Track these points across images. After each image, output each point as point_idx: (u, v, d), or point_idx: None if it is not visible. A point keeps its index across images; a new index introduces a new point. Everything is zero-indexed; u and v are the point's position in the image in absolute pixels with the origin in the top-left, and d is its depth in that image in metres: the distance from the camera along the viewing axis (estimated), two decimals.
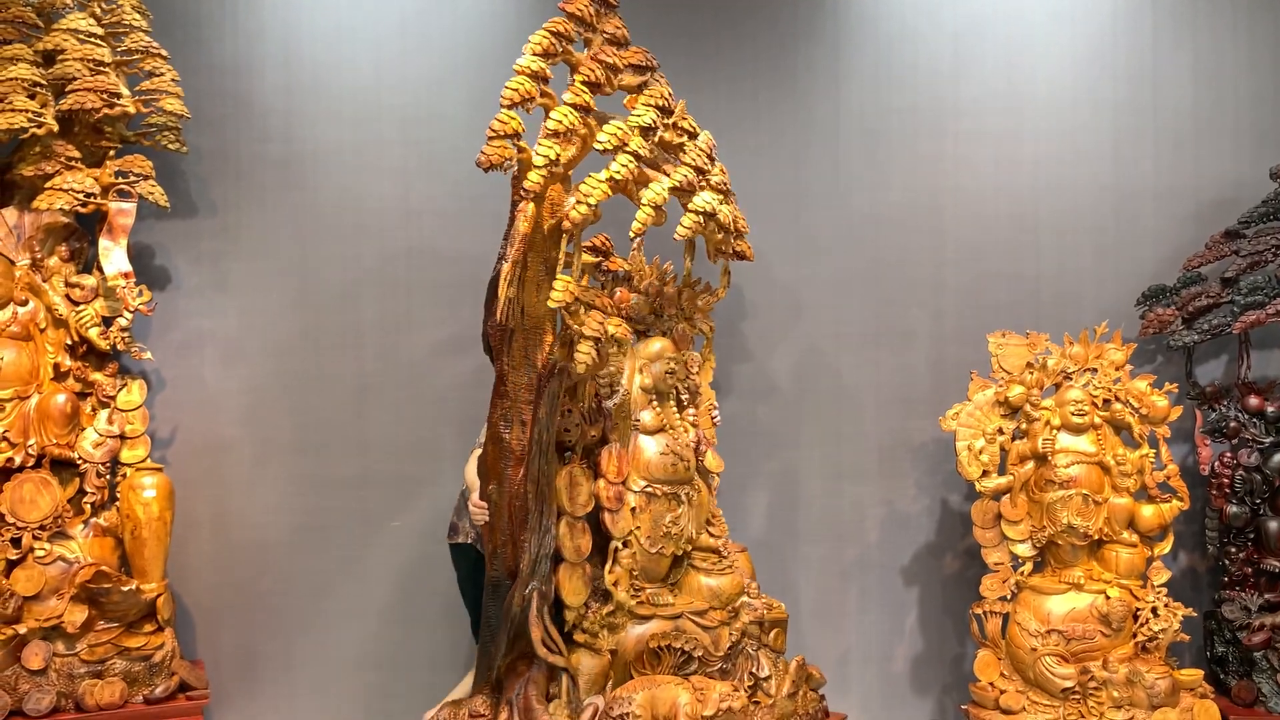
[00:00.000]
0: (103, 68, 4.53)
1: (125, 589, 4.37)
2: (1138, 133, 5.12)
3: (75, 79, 4.46)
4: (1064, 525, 4.54)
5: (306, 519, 4.98)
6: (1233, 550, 4.77)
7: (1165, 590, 4.56)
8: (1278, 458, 4.73)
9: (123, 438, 4.58)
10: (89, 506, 4.50)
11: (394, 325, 5.01)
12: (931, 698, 5.13)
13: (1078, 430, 4.60)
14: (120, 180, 4.59)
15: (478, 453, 4.22)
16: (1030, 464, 4.64)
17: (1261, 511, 4.74)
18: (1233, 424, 4.78)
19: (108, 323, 4.60)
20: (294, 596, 4.98)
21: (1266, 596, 4.69)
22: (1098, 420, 4.63)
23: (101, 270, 4.58)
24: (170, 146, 4.77)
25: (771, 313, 5.10)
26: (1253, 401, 4.78)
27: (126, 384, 4.64)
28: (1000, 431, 4.66)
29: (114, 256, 4.57)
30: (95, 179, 4.54)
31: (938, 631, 5.12)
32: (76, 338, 4.58)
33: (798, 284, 5.08)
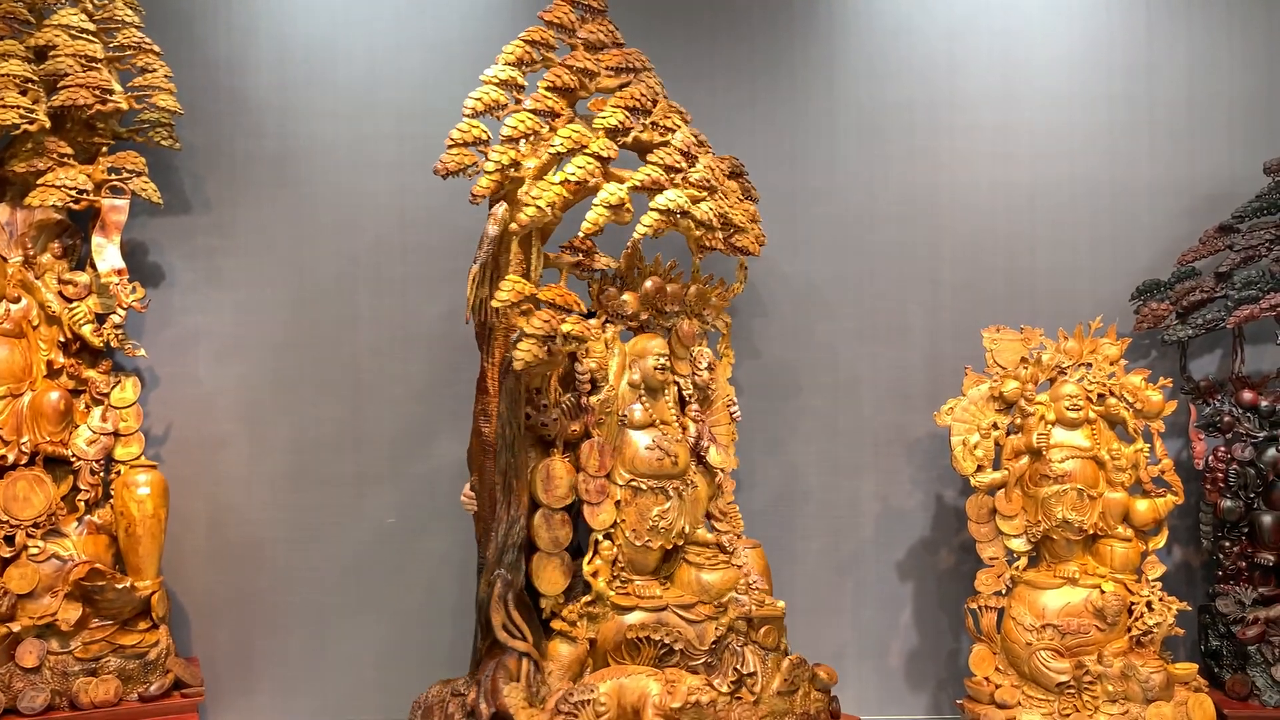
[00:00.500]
0: (95, 64, 4.51)
1: (119, 586, 4.36)
2: (1132, 128, 5.12)
3: (67, 75, 4.45)
4: (1059, 520, 4.55)
5: (302, 516, 4.98)
6: (1227, 544, 4.78)
7: (1160, 584, 4.57)
8: (1271, 452, 4.74)
9: (116, 435, 4.57)
10: (83, 504, 4.49)
11: (389, 321, 5.00)
12: (927, 692, 5.14)
13: (1072, 425, 4.61)
14: (113, 177, 4.57)
15: None
16: (1025, 459, 4.64)
17: (1255, 506, 4.75)
18: (1227, 418, 4.79)
19: (101, 320, 4.58)
20: (289, 594, 4.97)
21: (1260, 590, 4.70)
22: (1092, 415, 4.63)
23: (95, 267, 4.56)
24: (163, 143, 4.75)
25: (767, 308, 5.09)
26: (1246, 396, 4.79)
27: (120, 381, 4.63)
28: (995, 426, 4.67)
29: (107, 253, 4.56)
30: (88, 175, 4.53)
31: (933, 626, 5.13)
32: (70, 335, 4.57)
33: (794, 279, 5.08)
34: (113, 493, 4.50)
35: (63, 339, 4.57)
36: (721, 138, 4.67)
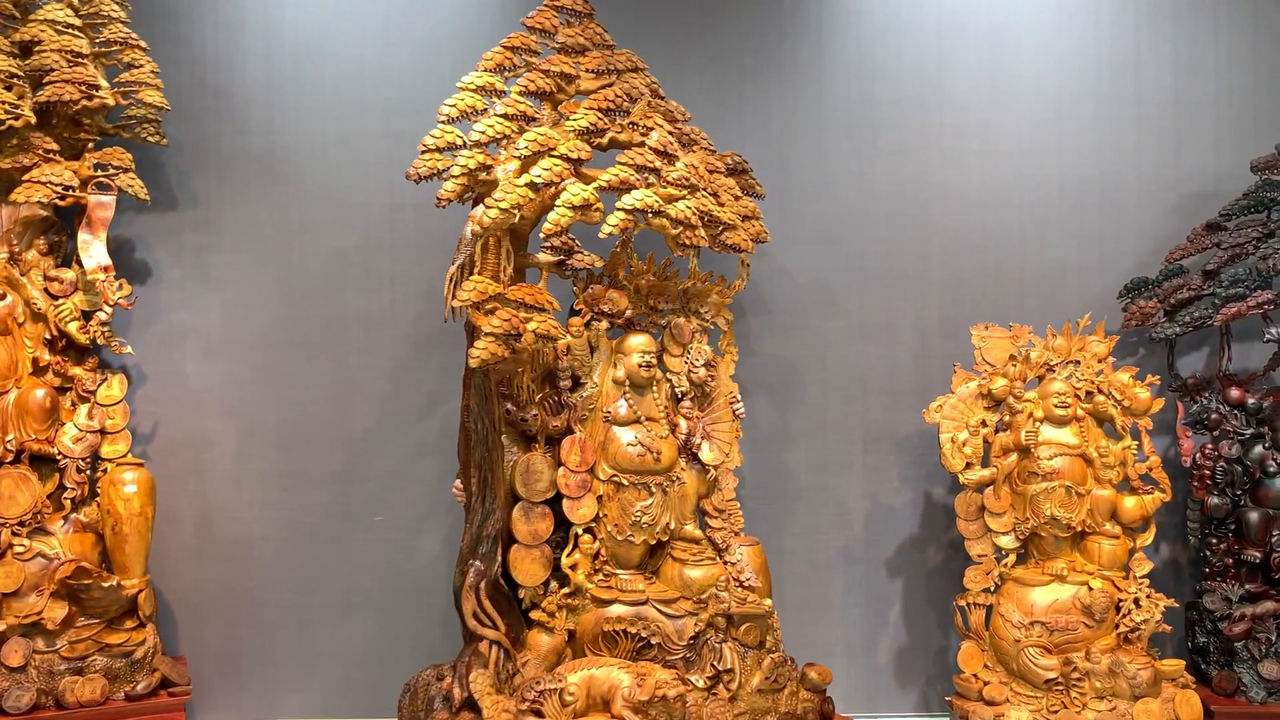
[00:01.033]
0: (81, 59, 4.49)
1: (106, 585, 4.35)
2: (1120, 126, 5.13)
3: (53, 70, 4.43)
4: (1047, 517, 4.56)
5: (289, 514, 4.96)
6: (1214, 541, 4.79)
7: (1147, 581, 4.58)
8: (1258, 449, 4.76)
9: (103, 433, 4.55)
10: (69, 502, 4.48)
11: (377, 319, 4.99)
12: (916, 689, 5.14)
13: (1060, 422, 4.62)
14: (99, 173, 4.56)
15: None
16: (1013, 456, 4.65)
17: (1242, 503, 4.77)
18: (1214, 416, 4.80)
19: (87, 317, 4.57)
20: (277, 592, 4.96)
21: (1247, 587, 4.71)
22: (1080, 412, 4.65)
23: (81, 264, 4.55)
24: (150, 139, 4.73)
25: (756, 306, 5.09)
26: (1234, 393, 4.81)
27: (107, 378, 4.61)
28: (983, 424, 4.68)
29: (93, 250, 4.54)
30: (74, 172, 4.51)
31: (922, 623, 5.14)
32: (56, 332, 4.55)
33: (782, 277, 5.08)
34: (99, 491, 4.49)
35: (48, 336, 4.55)
36: (710, 136, 4.66)
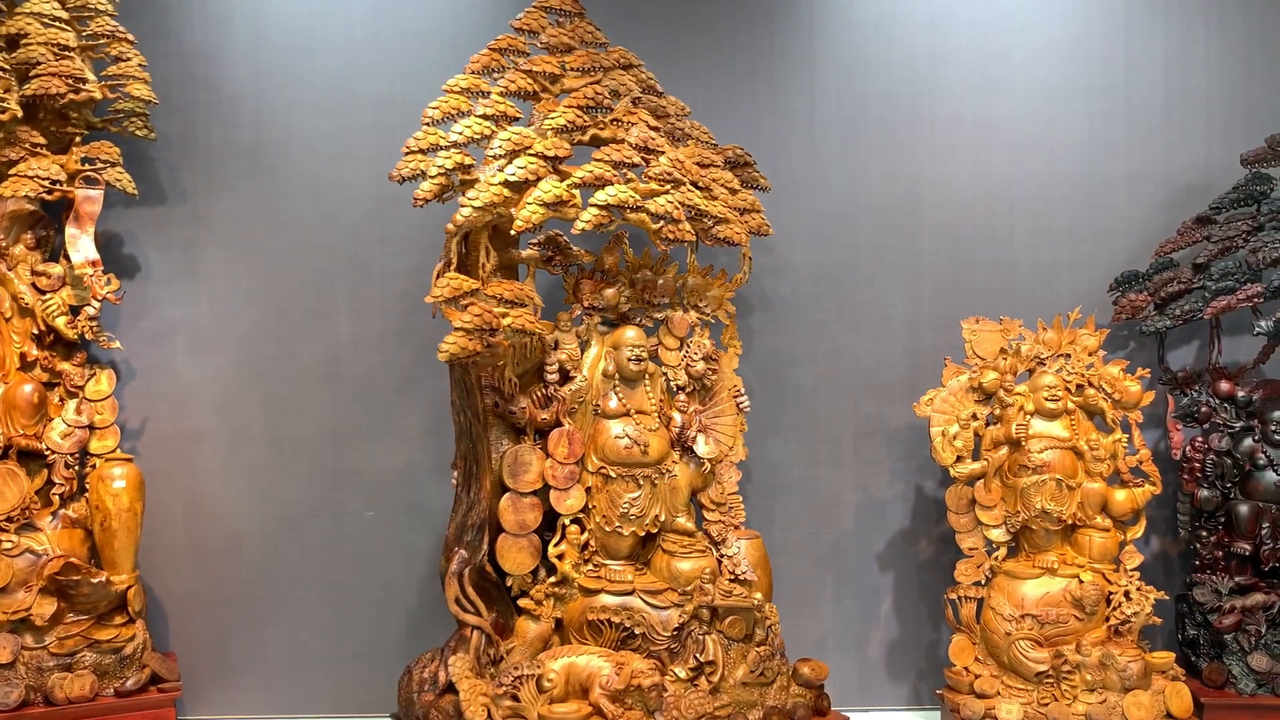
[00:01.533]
0: (68, 52, 4.46)
1: (95, 581, 4.33)
2: (1111, 119, 5.14)
3: (39, 64, 4.39)
4: (1038, 510, 4.57)
5: (280, 509, 4.95)
6: (1204, 534, 4.80)
7: (1138, 574, 4.60)
8: (1248, 442, 4.77)
9: (91, 428, 4.53)
10: (57, 498, 4.45)
11: (367, 313, 4.98)
12: (907, 683, 5.15)
13: (1051, 415, 4.63)
14: (87, 167, 4.53)
15: None
16: (1004, 449, 4.66)
17: (1232, 495, 4.78)
18: (1204, 409, 4.81)
19: (75, 311, 4.54)
20: (268, 587, 4.94)
21: (1237, 579, 4.73)
22: (1071, 405, 4.65)
23: (68, 258, 4.52)
24: (138, 133, 4.71)
25: (748, 300, 5.09)
26: (1223, 386, 4.82)
27: (95, 374, 4.59)
28: (974, 417, 4.68)
29: (81, 244, 4.52)
30: (61, 165, 4.48)
31: (913, 617, 5.14)
32: (43, 327, 4.52)
33: (774, 271, 5.08)
34: (88, 486, 4.47)
35: (36, 331, 4.52)
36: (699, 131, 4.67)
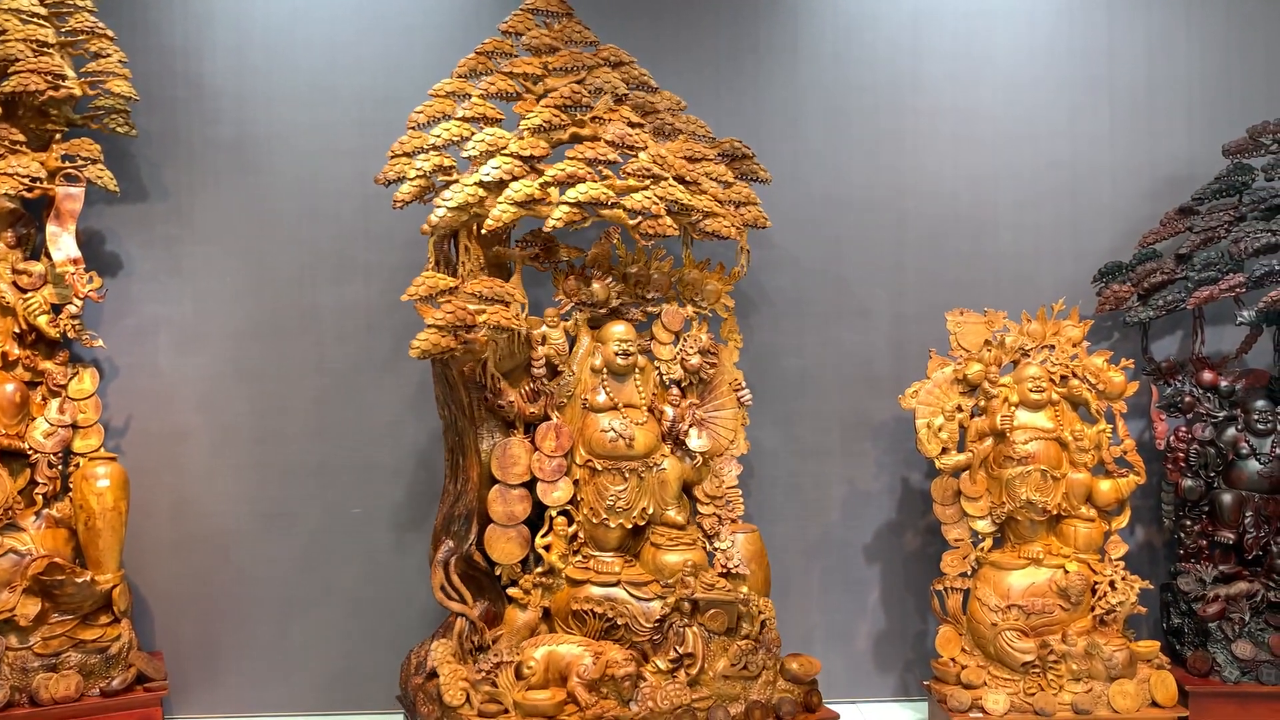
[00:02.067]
0: (46, 49, 4.43)
1: (79, 580, 4.31)
2: (1094, 110, 5.15)
3: (18, 60, 4.36)
4: (1023, 501, 4.58)
5: (266, 507, 4.93)
6: (1188, 523, 4.83)
7: (1123, 564, 4.62)
8: (1231, 431, 4.79)
9: (75, 427, 4.51)
10: (41, 497, 4.43)
11: (352, 309, 4.96)
12: (894, 674, 5.17)
13: (1036, 406, 4.64)
14: (67, 164, 4.51)
15: None
16: (989, 441, 4.67)
17: (1216, 485, 4.81)
18: (1187, 398, 4.83)
19: (57, 310, 4.52)
20: (254, 585, 4.93)
21: (1220, 568, 4.75)
22: (1055, 396, 4.67)
23: (50, 256, 4.50)
24: (119, 129, 4.68)
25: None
26: (1206, 376, 4.84)
27: (78, 372, 4.57)
28: (959, 409, 4.69)
29: (62, 242, 4.50)
30: (41, 163, 4.46)
31: (900, 608, 5.16)
32: (25, 325, 4.49)
33: (758, 263, 5.07)
34: (72, 485, 4.45)
35: (18, 330, 4.49)
36: (686, 124, 4.65)
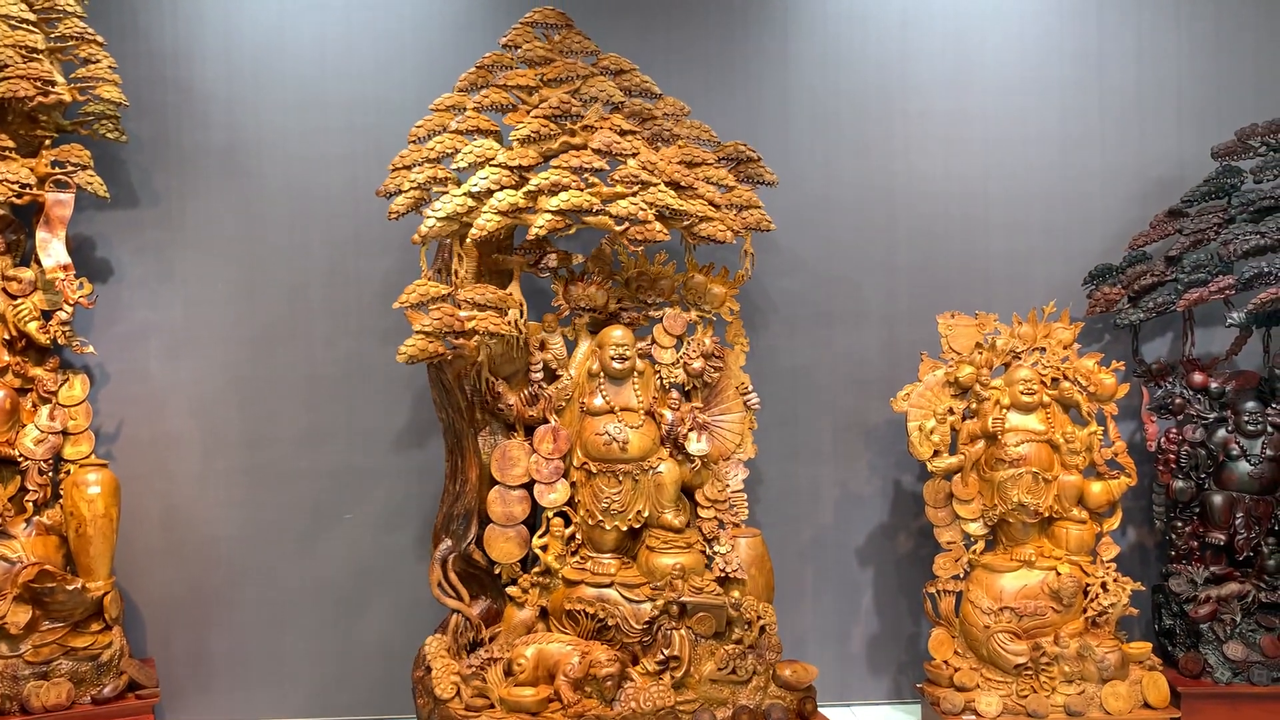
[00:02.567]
0: (35, 54, 4.42)
1: (70, 588, 4.29)
2: (1083, 113, 5.17)
3: (7, 66, 4.35)
4: (1015, 503, 4.59)
5: (257, 513, 4.92)
6: (1179, 525, 4.84)
7: (1114, 565, 4.63)
8: (1221, 433, 4.81)
9: (65, 434, 4.50)
10: (31, 505, 4.42)
11: (343, 314, 4.95)
12: (888, 677, 5.17)
13: (1027, 409, 4.65)
14: (57, 170, 4.49)
15: None
16: (981, 443, 4.68)
17: (1206, 486, 4.82)
18: (1178, 400, 4.85)
19: (47, 316, 4.50)
20: (246, 592, 4.92)
21: (1212, 569, 4.77)
22: (1046, 399, 4.68)
23: (40, 263, 4.48)
24: (109, 135, 4.67)
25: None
26: (1197, 378, 4.85)
27: (68, 379, 4.56)
28: (951, 411, 4.70)
29: (52, 248, 4.48)
30: (31, 169, 4.44)
31: (892, 611, 5.16)
32: (15, 332, 4.48)
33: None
34: (62, 492, 4.43)
35: (8, 336, 4.48)
36: (672, 128, 4.65)
